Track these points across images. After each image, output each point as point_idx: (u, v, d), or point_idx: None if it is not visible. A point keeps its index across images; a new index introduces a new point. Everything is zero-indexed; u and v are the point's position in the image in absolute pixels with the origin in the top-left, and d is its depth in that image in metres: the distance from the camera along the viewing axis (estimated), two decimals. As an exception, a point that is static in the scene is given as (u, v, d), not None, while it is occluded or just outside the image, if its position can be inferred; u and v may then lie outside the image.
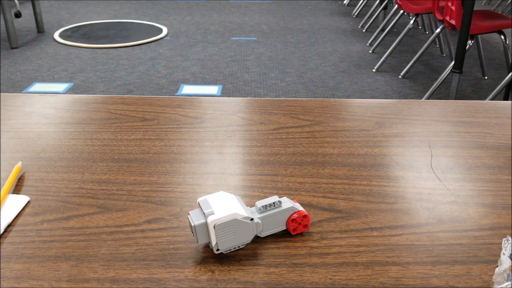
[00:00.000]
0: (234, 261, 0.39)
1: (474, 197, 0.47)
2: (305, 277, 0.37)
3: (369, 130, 0.61)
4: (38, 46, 3.44)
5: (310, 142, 0.57)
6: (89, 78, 2.87)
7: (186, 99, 0.70)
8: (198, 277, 0.37)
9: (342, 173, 0.51)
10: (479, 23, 2.46)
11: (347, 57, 3.30)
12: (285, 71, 3.01)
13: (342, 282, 0.37)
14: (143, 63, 3.13)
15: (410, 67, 2.93)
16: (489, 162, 0.53)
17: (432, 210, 0.45)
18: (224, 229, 0.37)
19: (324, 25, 4.13)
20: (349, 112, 0.66)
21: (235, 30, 3.91)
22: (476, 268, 0.38)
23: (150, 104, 0.67)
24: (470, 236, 0.42)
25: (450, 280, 0.37)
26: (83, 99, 0.69)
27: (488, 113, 0.65)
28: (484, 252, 0.40)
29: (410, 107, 0.67)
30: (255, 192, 0.48)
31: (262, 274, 0.37)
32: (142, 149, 0.56)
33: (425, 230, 0.42)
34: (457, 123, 0.63)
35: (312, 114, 0.65)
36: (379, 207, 0.45)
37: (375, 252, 0.40)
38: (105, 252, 0.39)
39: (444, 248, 0.40)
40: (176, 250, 0.40)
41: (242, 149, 0.56)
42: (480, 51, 2.89)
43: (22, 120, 0.62)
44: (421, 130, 0.61)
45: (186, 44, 3.53)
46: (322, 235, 0.42)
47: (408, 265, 0.38)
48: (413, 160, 0.54)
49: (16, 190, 0.48)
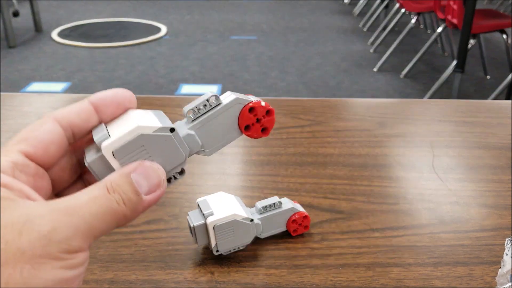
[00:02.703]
0: (233, 263, 0.38)
1: (476, 197, 0.47)
2: (306, 279, 0.37)
3: (370, 130, 0.60)
4: (36, 45, 3.44)
5: (311, 142, 0.57)
6: (88, 77, 2.86)
7: (186, 98, 0.69)
8: (197, 278, 0.37)
9: (343, 173, 0.51)
10: (481, 22, 2.45)
11: (348, 56, 3.29)
12: (285, 71, 3.01)
13: (343, 283, 0.36)
14: (142, 62, 3.12)
15: (411, 66, 2.92)
16: (492, 162, 0.53)
17: (434, 211, 0.45)
18: (223, 230, 0.37)
19: (325, 24, 4.13)
20: (350, 112, 0.65)
21: (235, 29, 3.91)
22: (478, 269, 0.38)
23: (149, 104, 0.67)
24: (472, 237, 0.41)
25: (452, 281, 0.36)
26: (82, 99, 0.69)
27: (490, 113, 0.65)
28: (486, 253, 0.39)
29: (412, 107, 0.67)
30: (255, 192, 0.48)
31: (262, 276, 0.37)
32: (141, 149, 0.55)
33: (426, 231, 0.42)
34: (459, 123, 0.62)
35: (312, 114, 0.64)
36: (381, 208, 0.45)
37: (377, 253, 0.39)
38: (103, 253, 0.39)
39: (446, 249, 0.40)
40: (175, 251, 0.39)
41: (242, 149, 0.55)
42: (482, 50, 2.89)
43: (20, 120, 0.62)
44: (423, 130, 0.60)
45: (185, 43, 3.53)
46: (323, 236, 0.41)
47: (409, 266, 0.38)
48: (415, 160, 0.53)
49: (14, 191, 0.47)
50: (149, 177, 0.24)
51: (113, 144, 0.24)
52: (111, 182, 0.23)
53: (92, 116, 0.26)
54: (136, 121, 0.25)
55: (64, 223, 0.21)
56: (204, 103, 0.27)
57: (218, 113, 0.27)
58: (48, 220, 0.21)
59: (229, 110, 0.27)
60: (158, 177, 0.24)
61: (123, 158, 0.24)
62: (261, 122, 0.28)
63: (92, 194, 0.22)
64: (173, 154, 0.26)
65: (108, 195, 0.23)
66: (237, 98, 0.27)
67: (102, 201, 0.22)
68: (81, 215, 0.21)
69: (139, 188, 0.23)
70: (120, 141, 0.24)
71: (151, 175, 0.24)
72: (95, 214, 0.22)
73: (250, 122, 0.27)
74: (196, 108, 0.27)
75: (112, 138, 0.24)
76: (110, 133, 0.25)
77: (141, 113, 0.26)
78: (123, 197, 0.23)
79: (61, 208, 0.21)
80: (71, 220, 0.21)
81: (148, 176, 0.24)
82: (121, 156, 0.24)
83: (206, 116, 0.27)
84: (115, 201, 0.23)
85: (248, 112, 0.27)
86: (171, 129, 0.25)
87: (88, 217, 0.22)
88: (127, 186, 0.23)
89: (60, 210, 0.21)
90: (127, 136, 0.24)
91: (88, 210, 0.22)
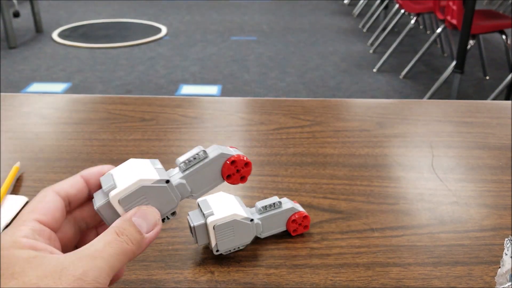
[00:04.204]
0: (233, 262, 0.38)
1: (476, 197, 0.47)
2: (306, 278, 0.37)
3: (370, 130, 0.60)
4: (37, 46, 3.44)
5: (311, 142, 0.57)
6: (88, 78, 2.87)
7: (186, 99, 0.69)
8: (197, 278, 0.37)
9: (343, 173, 0.51)
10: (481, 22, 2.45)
11: (348, 57, 3.30)
12: (285, 71, 3.01)
13: (343, 283, 0.36)
14: (142, 63, 3.12)
15: (411, 67, 2.92)
16: (491, 162, 0.53)
17: (434, 211, 0.45)
18: (224, 230, 0.37)
19: (325, 24, 4.13)
20: (350, 112, 0.65)
21: (235, 30, 3.91)
22: (477, 269, 0.38)
23: (149, 104, 0.67)
24: (471, 237, 0.41)
25: (451, 281, 0.37)
26: (82, 99, 0.69)
27: (489, 113, 0.65)
28: (486, 253, 0.39)
29: (411, 107, 0.67)
30: (255, 193, 0.48)
31: (262, 275, 0.37)
32: (141, 149, 0.55)
33: (426, 231, 0.42)
34: (459, 123, 0.62)
35: (312, 114, 0.64)
36: (380, 208, 0.45)
37: (376, 253, 0.39)
38: (103, 253, 0.39)
39: (446, 249, 0.40)
40: (175, 251, 0.39)
41: (242, 149, 0.56)
42: (482, 51, 2.89)
43: (20, 120, 0.62)
44: (422, 130, 0.60)
45: (185, 44, 3.53)
46: (323, 236, 0.41)
47: (409, 266, 0.38)
48: (414, 160, 0.53)
49: (14, 191, 0.47)
50: (147, 218, 0.30)
51: (119, 194, 0.29)
52: (118, 227, 0.29)
53: (84, 188, 0.32)
54: (138, 174, 0.30)
55: (91, 266, 0.26)
56: (194, 156, 0.32)
57: (206, 165, 0.32)
58: (79, 265, 0.26)
59: (214, 162, 0.32)
60: (154, 218, 0.30)
61: (127, 204, 0.30)
62: (240, 172, 0.33)
63: (107, 240, 0.28)
64: (168, 200, 0.31)
65: (118, 238, 0.28)
66: (221, 153, 0.32)
67: (115, 244, 0.28)
68: (102, 258, 0.27)
69: (141, 228, 0.29)
70: (125, 192, 0.29)
71: (148, 217, 0.30)
72: (112, 255, 0.27)
73: (231, 172, 0.33)
74: (187, 161, 0.32)
75: (118, 188, 0.29)
76: (115, 181, 0.30)
77: (140, 164, 0.31)
78: (130, 237, 0.28)
79: (86, 254, 0.27)
80: (95, 263, 0.26)
81: (146, 218, 0.30)
82: (126, 204, 0.30)
83: (195, 168, 0.32)
84: (125, 242, 0.28)
85: (230, 164, 0.32)
86: (167, 181, 0.30)
87: (108, 258, 0.27)
88: (131, 228, 0.29)
89: (86, 256, 0.27)
90: (131, 188, 0.29)
91: (106, 253, 0.27)
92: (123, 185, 0.29)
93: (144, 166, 0.31)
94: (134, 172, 0.30)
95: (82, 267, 0.26)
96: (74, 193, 0.32)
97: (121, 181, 0.30)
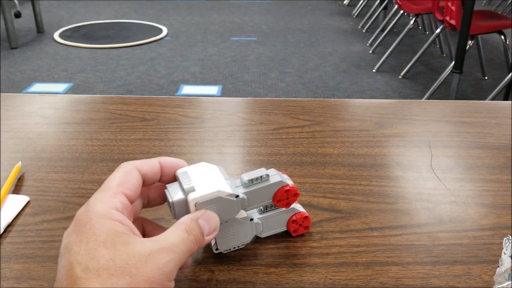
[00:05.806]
0: (234, 261, 0.38)
1: (474, 197, 0.47)
2: (305, 277, 0.37)
3: (369, 130, 0.60)
4: (38, 46, 3.44)
5: (310, 142, 0.57)
6: (89, 78, 2.87)
7: (186, 99, 0.70)
8: (197, 277, 0.37)
9: (342, 173, 0.51)
10: (479, 23, 2.46)
11: (347, 57, 3.30)
12: (285, 71, 3.01)
13: (342, 282, 0.37)
14: (143, 63, 3.13)
15: (410, 67, 2.93)
16: (489, 162, 0.53)
17: (432, 210, 0.45)
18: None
19: (324, 25, 4.13)
20: (349, 112, 0.65)
21: (235, 30, 3.91)
22: (476, 268, 0.38)
23: (150, 104, 0.67)
24: (470, 236, 0.42)
25: (450, 280, 0.37)
26: (83, 99, 0.69)
27: (488, 113, 0.65)
28: (485, 252, 0.40)
29: (410, 107, 0.67)
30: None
31: (262, 274, 0.37)
32: (142, 149, 0.55)
33: (425, 230, 0.42)
34: (457, 123, 0.63)
35: (312, 114, 0.65)
36: (379, 207, 0.45)
37: (375, 252, 0.40)
38: (105, 252, 0.39)
39: (444, 248, 0.40)
40: (176, 250, 0.40)
41: (242, 149, 0.56)
42: (480, 51, 2.89)
43: (21, 120, 0.62)
44: (421, 130, 0.60)
45: (186, 44, 3.53)
46: (322, 235, 0.42)
47: (408, 265, 0.38)
48: (413, 160, 0.54)
49: (16, 190, 0.48)
50: (210, 222, 0.32)
51: (198, 199, 0.33)
52: (188, 226, 0.31)
53: (158, 172, 0.35)
54: (215, 183, 0.34)
55: (170, 259, 0.28)
56: (258, 177, 0.36)
57: (266, 187, 0.36)
58: (162, 256, 0.28)
59: (272, 186, 0.37)
60: (215, 223, 0.33)
61: (200, 208, 0.33)
62: (288, 199, 0.38)
63: (182, 236, 0.30)
64: (230, 211, 0.35)
65: (189, 237, 0.30)
66: (281, 180, 0.37)
67: (187, 242, 0.30)
68: (178, 253, 0.29)
69: (204, 230, 0.32)
70: (203, 198, 0.33)
71: (211, 221, 0.33)
72: (184, 252, 0.30)
73: (282, 198, 0.38)
74: (253, 179, 0.36)
75: (197, 192, 0.33)
76: (194, 183, 0.34)
77: (213, 171, 0.35)
78: (196, 237, 0.31)
79: (166, 246, 0.29)
80: (173, 257, 0.29)
81: (209, 221, 0.32)
82: (200, 207, 0.33)
83: (257, 187, 0.36)
84: (192, 241, 0.31)
85: (284, 192, 0.37)
86: (237, 195, 0.35)
87: (181, 254, 0.29)
88: (198, 229, 0.31)
89: (166, 248, 0.29)
90: (209, 196, 0.33)
91: (180, 249, 0.30)
92: (203, 191, 0.33)
93: (217, 174, 0.35)
94: (210, 180, 0.34)
95: (164, 258, 0.28)
96: (150, 174, 0.34)
97: (200, 186, 0.33)
